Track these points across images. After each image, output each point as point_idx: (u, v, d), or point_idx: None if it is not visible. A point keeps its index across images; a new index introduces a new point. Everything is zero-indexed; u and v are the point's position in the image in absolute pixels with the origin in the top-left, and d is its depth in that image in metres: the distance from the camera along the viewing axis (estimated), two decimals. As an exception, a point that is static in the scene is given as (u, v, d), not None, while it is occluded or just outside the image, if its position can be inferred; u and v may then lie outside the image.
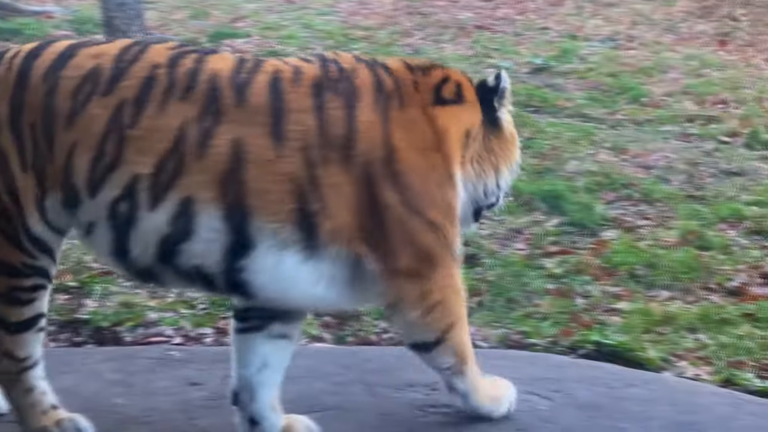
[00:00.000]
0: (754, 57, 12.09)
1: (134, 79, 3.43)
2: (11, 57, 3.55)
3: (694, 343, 5.41)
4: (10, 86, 3.48)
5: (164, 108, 3.40)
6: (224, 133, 3.39)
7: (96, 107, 3.42)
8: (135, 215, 3.42)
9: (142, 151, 3.40)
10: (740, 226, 7.24)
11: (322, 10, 14.57)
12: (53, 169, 3.46)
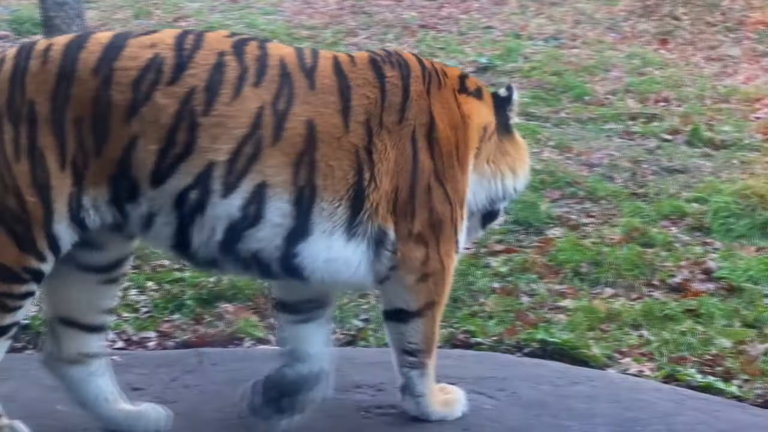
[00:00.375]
0: (695, 55, 12.22)
1: (202, 67, 3.43)
2: (44, 50, 3.43)
3: (637, 340, 5.46)
4: (52, 81, 3.38)
5: (239, 94, 3.44)
6: (298, 115, 3.49)
7: (162, 97, 3.38)
8: (205, 203, 3.45)
9: (217, 138, 3.41)
10: (682, 223, 7.31)
11: (266, 9, 14.47)
12: (101, 164, 3.40)
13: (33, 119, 3.37)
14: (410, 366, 3.88)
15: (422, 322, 3.81)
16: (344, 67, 3.65)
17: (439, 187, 3.69)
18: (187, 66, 3.42)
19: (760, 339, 5.44)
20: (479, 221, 4.07)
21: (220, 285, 5.92)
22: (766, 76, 11.35)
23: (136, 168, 3.41)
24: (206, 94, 3.41)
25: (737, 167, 8.45)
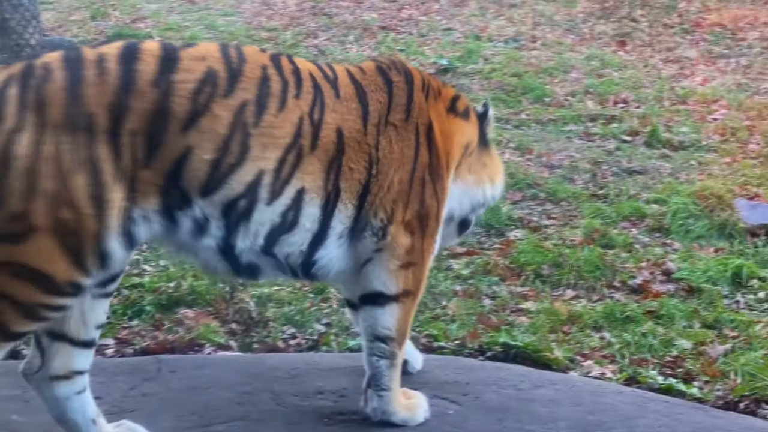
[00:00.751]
0: (653, 57, 12.32)
1: (251, 80, 3.59)
2: (98, 61, 3.41)
3: (599, 342, 5.47)
4: (111, 92, 3.38)
5: (284, 105, 3.62)
6: (330, 123, 3.72)
7: (219, 109, 3.49)
8: (252, 210, 3.59)
9: (266, 147, 3.57)
10: (642, 224, 7.36)
11: (225, 11, 14.40)
12: (152, 175, 3.43)
13: (91, 131, 3.34)
14: (380, 354, 3.96)
15: (398, 308, 3.93)
16: (357, 76, 3.91)
17: (431, 183, 3.94)
18: (239, 79, 3.56)
19: (720, 340, 5.48)
20: (456, 228, 4.36)
21: (179, 290, 5.86)
22: (723, 77, 11.47)
23: (187, 179, 3.48)
24: (257, 106, 3.57)
25: (695, 168, 8.53)
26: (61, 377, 3.68)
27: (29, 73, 3.36)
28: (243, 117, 3.53)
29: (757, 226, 7.08)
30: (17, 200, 3.27)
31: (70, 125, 3.31)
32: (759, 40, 12.91)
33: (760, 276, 6.39)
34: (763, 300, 6.15)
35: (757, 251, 6.80)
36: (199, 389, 4.27)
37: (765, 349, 5.34)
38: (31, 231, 3.29)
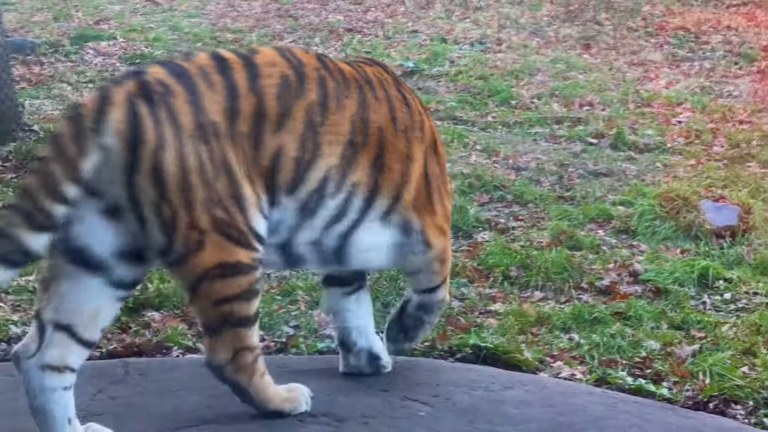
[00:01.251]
0: (617, 60, 12.41)
1: (313, 81, 3.85)
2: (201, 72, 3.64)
3: (567, 343, 5.48)
4: (222, 100, 3.63)
5: (340, 104, 3.89)
6: (373, 122, 3.98)
7: (297, 109, 3.76)
8: (319, 204, 3.88)
9: (332, 144, 3.85)
10: (608, 226, 7.40)
11: (189, 12, 14.33)
12: (258, 173, 3.71)
13: (218, 136, 3.59)
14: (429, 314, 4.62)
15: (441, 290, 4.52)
16: (384, 83, 4.14)
17: (443, 187, 4.34)
18: (304, 81, 3.82)
19: (688, 341, 5.51)
20: None
21: (146, 293, 5.80)
22: (687, 80, 11.58)
23: (279, 177, 3.76)
24: (321, 106, 3.83)
25: (661, 170, 8.59)
26: (53, 368, 3.61)
27: (148, 89, 3.51)
28: (313, 116, 3.81)
29: (723, 228, 7.13)
30: (185, 212, 3.54)
31: (201, 134, 3.56)
32: (722, 43, 13.04)
33: (726, 277, 6.44)
34: (729, 301, 6.20)
35: (722, 252, 6.86)
36: (169, 392, 4.22)
37: (732, 350, 5.37)
38: (204, 234, 3.58)
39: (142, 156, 3.45)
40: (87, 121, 3.41)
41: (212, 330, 3.76)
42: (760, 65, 12.18)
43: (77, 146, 3.37)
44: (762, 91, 11.11)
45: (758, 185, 8.02)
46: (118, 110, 3.43)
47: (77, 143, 3.37)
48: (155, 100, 3.47)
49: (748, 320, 5.81)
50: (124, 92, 3.47)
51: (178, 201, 3.51)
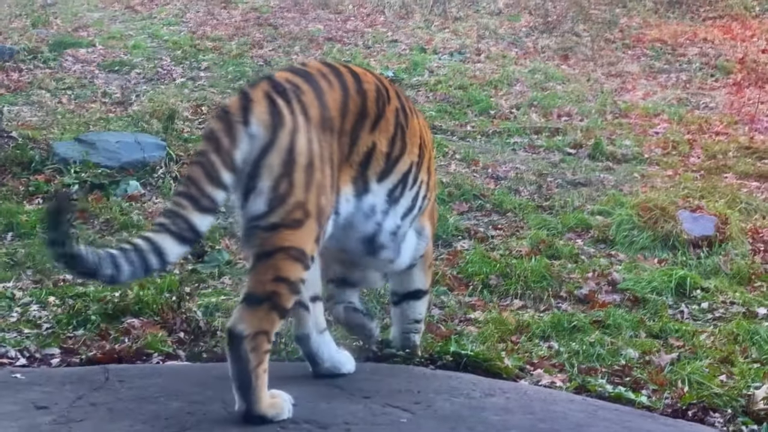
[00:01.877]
0: (595, 71, 12.48)
1: (391, 90, 4.41)
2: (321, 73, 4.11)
3: (547, 351, 5.51)
4: (339, 99, 4.09)
5: (412, 113, 4.50)
6: (421, 127, 4.56)
7: (389, 113, 4.28)
8: (401, 196, 4.39)
9: (413, 144, 4.43)
10: (587, 235, 7.45)
11: (169, 20, 14.30)
12: (348, 166, 4.14)
13: (332, 131, 4.03)
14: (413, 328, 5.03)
15: (427, 298, 5.08)
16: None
17: (433, 198, 4.79)
18: (389, 90, 4.36)
19: (666, 349, 5.55)
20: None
21: (125, 300, 5.77)
22: (664, 92, 11.66)
23: (371, 169, 4.24)
24: (403, 112, 4.39)
25: (638, 181, 8.66)
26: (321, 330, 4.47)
27: (281, 87, 3.98)
28: (399, 119, 4.34)
29: (700, 238, 7.19)
30: (301, 191, 3.89)
31: (323, 126, 4.00)
32: (698, 55, 13.15)
33: (703, 287, 6.51)
34: (706, 310, 6.26)
35: (699, 262, 6.92)
36: (149, 399, 4.19)
37: (710, 359, 5.42)
38: (307, 217, 3.91)
39: (280, 137, 3.87)
40: (235, 117, 3.86)
41: (254, 301, 3.90)
42: (736, 77, 12.29)
43: (230, 138, 3.82)
44: (738, 103, 11.21)
45: (734, 196, 8.10)
46: (260, 105, 3.89)
47: (230, 136, 3.82)
48: (289, 95, 3.95)
49: (726, 329, 5.86)
50: (262, 91, 3.94)
51: (300, 179, 3.88)
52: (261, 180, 3.85)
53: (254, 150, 3.85)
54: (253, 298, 3.90)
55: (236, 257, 6.75)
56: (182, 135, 9.21)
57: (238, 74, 11.52)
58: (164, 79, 11.44)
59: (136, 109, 9.93)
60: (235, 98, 3.99)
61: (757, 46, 13.55)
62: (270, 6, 15.14)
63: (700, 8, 15.74)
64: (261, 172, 3.85)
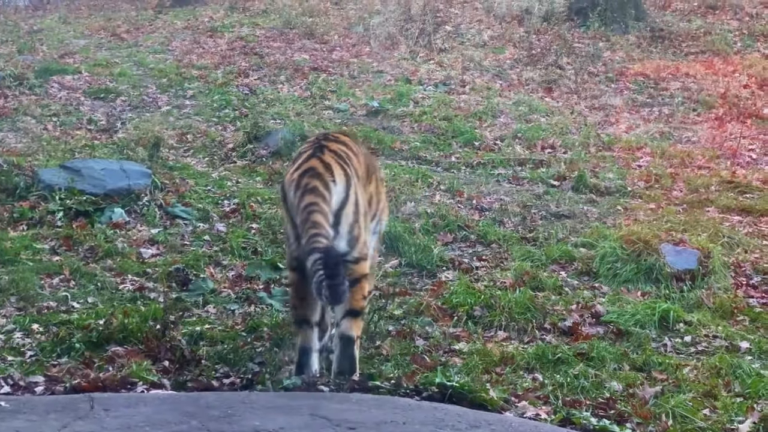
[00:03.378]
0: (578, 104, 12.56)
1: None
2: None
3: (532, 383, 5.52)
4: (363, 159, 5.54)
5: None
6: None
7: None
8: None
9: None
10: (570, 268, 7.48)
11: (155, 48, 14.33)
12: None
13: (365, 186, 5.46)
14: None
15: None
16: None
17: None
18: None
19: (650, 382, 5.57)
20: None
21: (109, 328, 5.77)
22: (647, 125, 11.74)
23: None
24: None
25: (622, 213, 8.70)
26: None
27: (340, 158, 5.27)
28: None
29: (683, 271, 7.23)
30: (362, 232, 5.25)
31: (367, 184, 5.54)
32: (681, 90, 13.25)
33: (686, 320, 6.54)
34: (689, 344, 6.29)
35: (682, 296, 6.96)
36: (134, 428, 4.18)
37: (694, 392, 5.45)
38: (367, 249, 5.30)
39: (350, 194, 5.12)
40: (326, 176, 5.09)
41: (356, 313, 5.24)
42: (718, 112, 12.39)
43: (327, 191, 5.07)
44: (720, 138, 11.29)
45: (717, 230, 8.15)
46: (338, 168, 5.15)
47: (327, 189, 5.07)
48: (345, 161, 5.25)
49: (708, 363, 5.90)
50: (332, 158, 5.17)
51: (363, 224, 5.21)
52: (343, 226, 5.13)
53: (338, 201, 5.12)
54: (354, 312, 5.22)
55: (221, 286, 6.76)
56: (167, 163, 9.22)
57: (224, 102, 11.55)
58: (150, 106, 11.46)
59: (122, 137, 9.94)
60: (315, 161, 5.16)
61: (739, 81, 13.67)
62: (256, 35, 15.19)
63: (682, 43, 15.89)
64: (341, 220, 5.12)
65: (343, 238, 5.05)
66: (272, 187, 8.85)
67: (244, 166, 9.46)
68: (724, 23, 16.98)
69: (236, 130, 10.47)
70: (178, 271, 6.88)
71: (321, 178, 5.04)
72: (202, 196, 8.42)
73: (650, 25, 16.45)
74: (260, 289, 6.77)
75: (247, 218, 7.95)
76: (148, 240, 7.47)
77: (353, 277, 5.08)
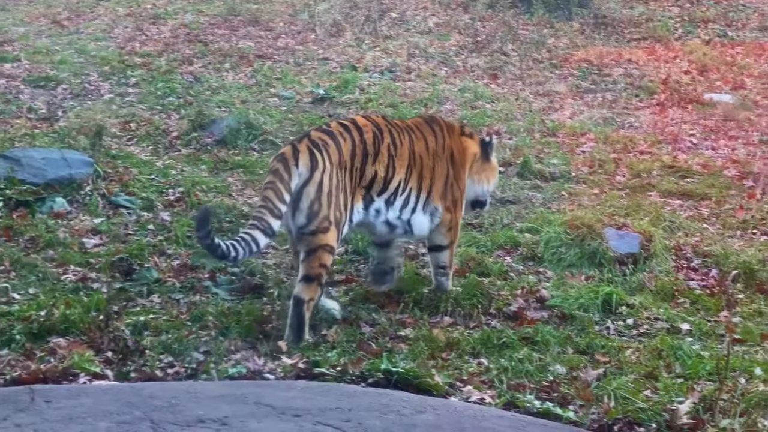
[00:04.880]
0: (523, 90, 12.64)
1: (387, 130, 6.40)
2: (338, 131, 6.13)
3: (477, 368, 5.56)
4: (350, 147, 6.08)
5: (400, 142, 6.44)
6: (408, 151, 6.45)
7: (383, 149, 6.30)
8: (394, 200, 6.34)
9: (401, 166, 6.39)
10: (516, 253, 7.53)
11: (96, 35, 14.12)
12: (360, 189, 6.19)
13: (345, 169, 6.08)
14: (441, 271, 6.64)
15: (449, 251, 6.64)
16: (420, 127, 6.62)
17: (456, 184, 6.60)
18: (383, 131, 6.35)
19: (593, 365, 5.64)
20: (470, 205, 6.92)
21: (51, 319, 5.70)
22: (590, 111, 11.85)
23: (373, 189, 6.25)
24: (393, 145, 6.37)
25: (566, 198, 8.78)
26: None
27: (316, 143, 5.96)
28: (390, 152, 6.26)
29: (625, 255, 7.32)
30: (325, 209, 5.84)
31: (340, 167, 5.97)
32: (623, 76, 13.39)
33: (629, 303, 6.63)
34: (631, 326, 6.38)
35: (625, 279, 7.05)
36: (76, 419, 4.14)
37: (635, 374, 5.53)
38: (330, 224, 5.86)
39: (314, 175, 5.84)
40: (290, 161, 5.83)
41: (309, 279, 5.85)
42: (660, 98, 12.54)
43: (288, 173, 5.80)
44: (661, 123, 11.44)
45: (658, 214, 8.26)
46: (305, 154, 5.87)
47: (287, 171, 5.81)
48: (321, 148, 5.91)
49: (650, 345, 5.99)
50: (305, 145, 5.91)
51: (325, 201, 5.84)
52: (302, 203, 5.82)
53: (299, 182, 5.82)
54: (308, 278, 5.84)
55: (165, 275, 6.70)
56: (110, 151, 9.11)
57: (168, 90, 11.43)
58: (92, 94, 11.30)
59: (63, 125, 9.78)
60: (288, 148, 5.97)
61: (680, 68, 13.85)
62: (200, 22, 15.04)
63: (624, 30, 16.05)
64: (301, 197, 5.82)
65: (302, 212, 5.83)
66: (218, 175, 8.79)
67: (188, 155, 9.38)
68: (666, 10, 17.20)
69: (181, 118, 10.37)
70: (121, 261, 6.80)
71: (284, 162, 5.87)
72: (146, 185, 8.33)
73: (593, 12, 16.61)
74: (205, 278, 6.73)
75: (193, 207, 7.87)
76: (90, 230, 7.38)
77: (310, 247, 5.83)
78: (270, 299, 6.44)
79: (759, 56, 14.69)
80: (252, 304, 6.32)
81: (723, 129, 11.38)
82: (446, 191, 6.54)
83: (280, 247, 7.24)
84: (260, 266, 6.86)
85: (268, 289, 6.57)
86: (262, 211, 5.73)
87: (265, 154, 9.35)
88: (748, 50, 14.99)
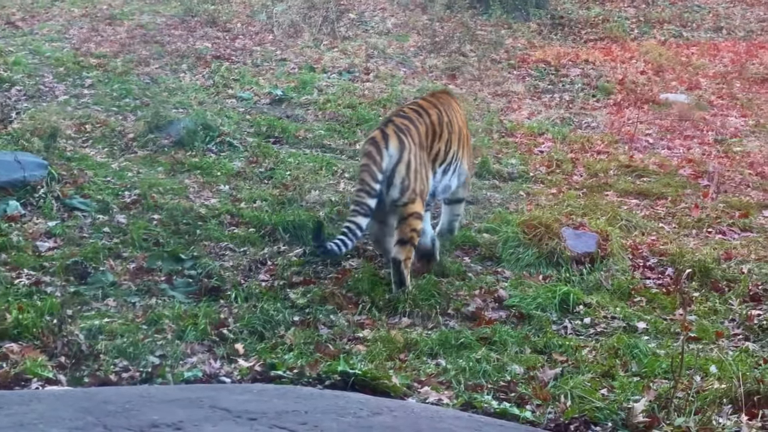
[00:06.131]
0: (482, 90, 12.66)
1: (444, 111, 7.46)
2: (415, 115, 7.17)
3: (435, 369, 5.57)
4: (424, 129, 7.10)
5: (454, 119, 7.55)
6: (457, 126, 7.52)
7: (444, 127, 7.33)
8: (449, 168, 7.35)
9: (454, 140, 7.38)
10: (474, 253, 7.55)
11: (51, 36, 13.94)
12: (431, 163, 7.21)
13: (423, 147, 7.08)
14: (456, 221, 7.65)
15: (464, 203, 7.78)
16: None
17: (469, 150, 7.65)
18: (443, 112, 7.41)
19: (550, 364, 5.66)
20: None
21: (3, 323, 5.62)
22: (548, 111, 11.91)
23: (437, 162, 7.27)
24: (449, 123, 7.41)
25: (524, 199, 8.81)
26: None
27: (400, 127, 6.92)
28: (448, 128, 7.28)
29: (582, 254, 7.36)
30: (413, 183, 6.80)
31: (420, 146, 6.96)
32: (580, 76, 13.47)
33: (586, 302, 6.67)
34: (588, 325, 6.41)
35: (582, 278, 7.09)
36: (27, 426, 4.07)
37: (592, 373, 5.56)
38: (416, 195, 6.82)
39: (404, 155, 6.80)
40: (381, 143, 6.75)
41: (403, 242, 6.71)
42: (616, 98, 12.64)
43: (380, 155, 6.71)
44: (618, 123, 11.52)
45: (615, 213, 8.32)
46: (393, 138, 6.80)
47: (379, 154, 6.72)
48: (404, 131, 6.88)
49: (607, 344, 6.02)
50: (392, 129, 6.84)
51: (413, 177, 6.80)
52: (395, 179, 6.75)
53: (391, 163, 6.74)
54: (402, 241, 6.72)
55: (121, 278, 6.63)
56: (65, 154, 9.00)
57: (124, 92, 11.30)
58: (46, 96, 11.15)
59: (16, 127, 9.64)
60: (377, 132, 6.88)
61: (636, 68, 13.96)
62: (156, 23, 14.91)
63: (581, 30, 16.16)
64: (394, 175, 6.75)
65: (395, 187, 6.74)
66: (174, 177, 8.71)
67: (145, 156, 9.29)
68: (622, 10, 17.34)
69: (137, 119, 10.26)
70: (76, 264, 6.72)
71: (375, 145, 6.76)
72: (101, 187, 8.24)
73: (551, 13, 16.71)
74: (162, 281, 6.67)
75: (149, 209, 7.80)
76: (44, 233, 7.29)
77: (402, 215, 6.75)
78: (227, 302, 6.39)
79: (713, 56, 14.85)
80: (209, 306, 6.28)
81: (678, 129, 11.48)
82: (470, 153, 7.68)
83: (237, 249, 7.20)
84: (217, 268, 6.81)
85: (225, 292, 6.53)
86: (361, 194, 6.63)
87: (222, 155, 9.29)
88: (703, 50, 15.15)
